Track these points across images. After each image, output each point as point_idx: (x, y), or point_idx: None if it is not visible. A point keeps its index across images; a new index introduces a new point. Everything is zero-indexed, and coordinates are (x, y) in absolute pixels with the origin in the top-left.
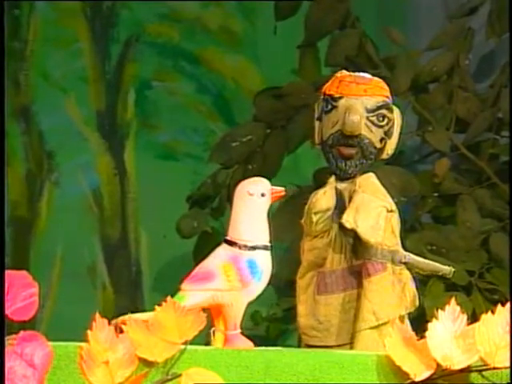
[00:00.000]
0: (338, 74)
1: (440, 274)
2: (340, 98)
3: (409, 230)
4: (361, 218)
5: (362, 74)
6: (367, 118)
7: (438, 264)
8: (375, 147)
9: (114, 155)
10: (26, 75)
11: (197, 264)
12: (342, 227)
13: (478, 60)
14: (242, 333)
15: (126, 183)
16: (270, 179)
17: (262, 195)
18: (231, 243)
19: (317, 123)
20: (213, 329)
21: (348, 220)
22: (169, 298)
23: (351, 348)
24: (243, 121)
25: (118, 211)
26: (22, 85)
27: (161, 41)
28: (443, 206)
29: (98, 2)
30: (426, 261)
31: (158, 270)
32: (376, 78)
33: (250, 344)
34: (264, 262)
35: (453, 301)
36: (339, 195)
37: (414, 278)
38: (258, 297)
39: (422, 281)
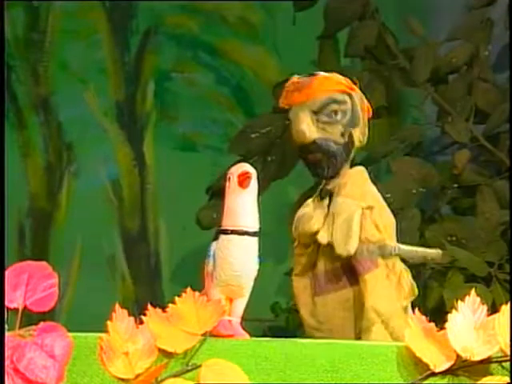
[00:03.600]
0: (286, 85)
1: (429, 258)
2: (289, 109)
3: (428, 221)
4: (334, 231)
5: (305, 78)
6: (317, 120)
7: (426, 249)
8: (339, 143)
9: (133, 146)
10: (45, 66)
11: None
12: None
13: (497, 51)
14: (241, 323)
15: (145, 174)
16: (289, 170)
17: (228, 180)
18: None
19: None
20: None
21: (323, 236)
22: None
23: None
24: (262, 112)
25: (138, 202)
26: (41, 76)
27: (180, 32)
28: (463, 197)
29: None
30: (415, 248)
31: (177, 261)
32: (320, 76)
33: (237, 332)
34: (219, 246)
35: (473, 292)
36: (330, 194)
37: (408, 267)
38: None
39: (442, 272)
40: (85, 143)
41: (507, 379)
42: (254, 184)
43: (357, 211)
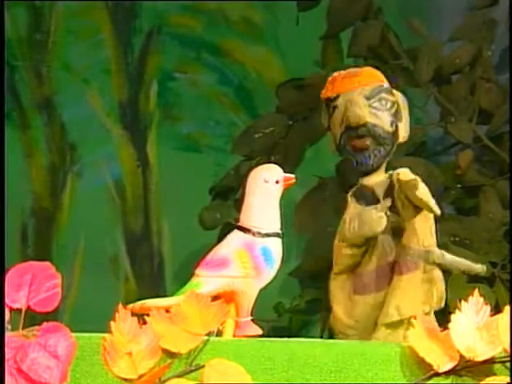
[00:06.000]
0: (330, 78)
1: (473, 273)
2: (337, 97)
3: None
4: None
5: (352, 69)
6: (369, 105)
7: (471, 263)
8: (387, 132)
9: (136, 146)
10: (48, 67)
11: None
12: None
13: (500, 51)
14: (254, 320)
15: (148, 175)
16: (292, 170)
17: (277, 182)
18: (244, 230)
19: (329, 133)
20: None
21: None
22: (195, 283)
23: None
24: (266, 112)
25: (141, 203)
26: (44, 76)
27: (183, 32)
28: (466, 197)
29: None
30: (461, 260)
31: (180, 261)
32: (366, 68)
33: (259, 331)
34: (276, 250)
35: (476, 292)
36: (366, 191)
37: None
38: (269, 284)
39: (444, 273)
40: (88, 143)
41: (509, 379)
42: None
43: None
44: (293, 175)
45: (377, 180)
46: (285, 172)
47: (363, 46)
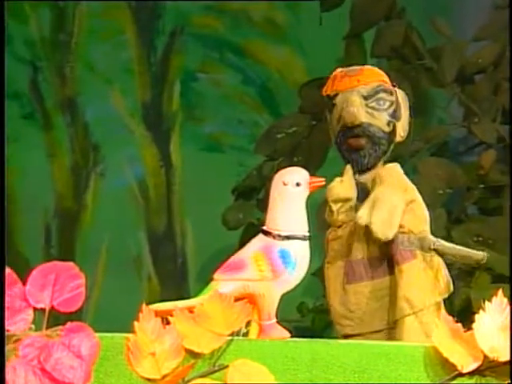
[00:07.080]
0: (332, 74)
1: (473, 259)
2: (336, 95)
3: (455, 221)
4: (375, 214)
5: (353, 67)
6: (366, 105)
7: (470, 250)
8: (384, 131)
9: (159, 147)
10: (72, 67)
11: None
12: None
13: None
14: (279, 322)
15: (171, 175)
16: (315, 171)
17: (297, 185)
18: (266, 233)
19: (330, 127)
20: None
21: (361, 216)
22: (212, 288)
23: (390, 336)
24: (288, 112)
25: (164, 203)
26: (67, 77)
27: (206, 32)
28: (489, 197)
29: None
30: (458, 247)
31: (203, 261)
32: (368, 66)
33: (286, 334)
34: (299, 252)
35: (500, 292)
36: (361, 187)
37: (446, 263)
38: (296, 287)
39: (469, 272)
40: (111, 144)
41: None
42: None
43: (401, 202)
44: (322, 178)
45: (371, 177)
46: (309, 173)
47: (387, 45)
